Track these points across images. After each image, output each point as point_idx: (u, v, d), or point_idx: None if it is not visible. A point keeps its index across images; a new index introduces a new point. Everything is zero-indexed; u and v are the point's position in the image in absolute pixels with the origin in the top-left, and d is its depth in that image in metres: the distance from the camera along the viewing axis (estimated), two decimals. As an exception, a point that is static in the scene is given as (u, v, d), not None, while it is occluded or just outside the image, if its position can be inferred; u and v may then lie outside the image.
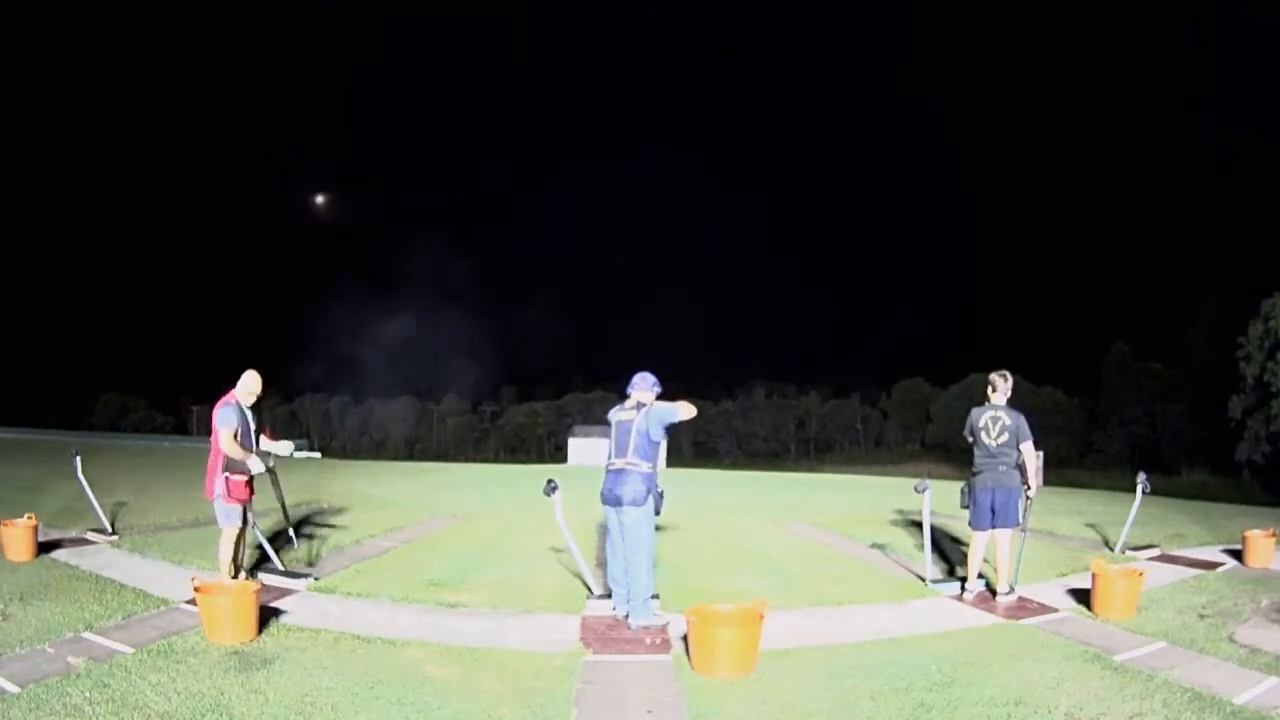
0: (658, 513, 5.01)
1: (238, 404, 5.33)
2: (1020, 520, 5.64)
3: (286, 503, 6.43)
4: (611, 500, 4.94)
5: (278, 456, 5.65)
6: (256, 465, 5.28)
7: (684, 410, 4.98)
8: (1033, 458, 5.62)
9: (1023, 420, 5.60)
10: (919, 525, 6.91)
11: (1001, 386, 5.68)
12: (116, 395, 58.10)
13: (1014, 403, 5.75)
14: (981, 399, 5.83)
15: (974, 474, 5.72)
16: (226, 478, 5.21)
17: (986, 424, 5.63)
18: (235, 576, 5.33)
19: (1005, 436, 5.54)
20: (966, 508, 5.81)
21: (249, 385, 5.42)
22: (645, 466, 4.90)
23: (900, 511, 10.32)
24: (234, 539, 5.31)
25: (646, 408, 4.98)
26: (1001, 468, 5.57)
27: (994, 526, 5.60)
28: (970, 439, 5.75)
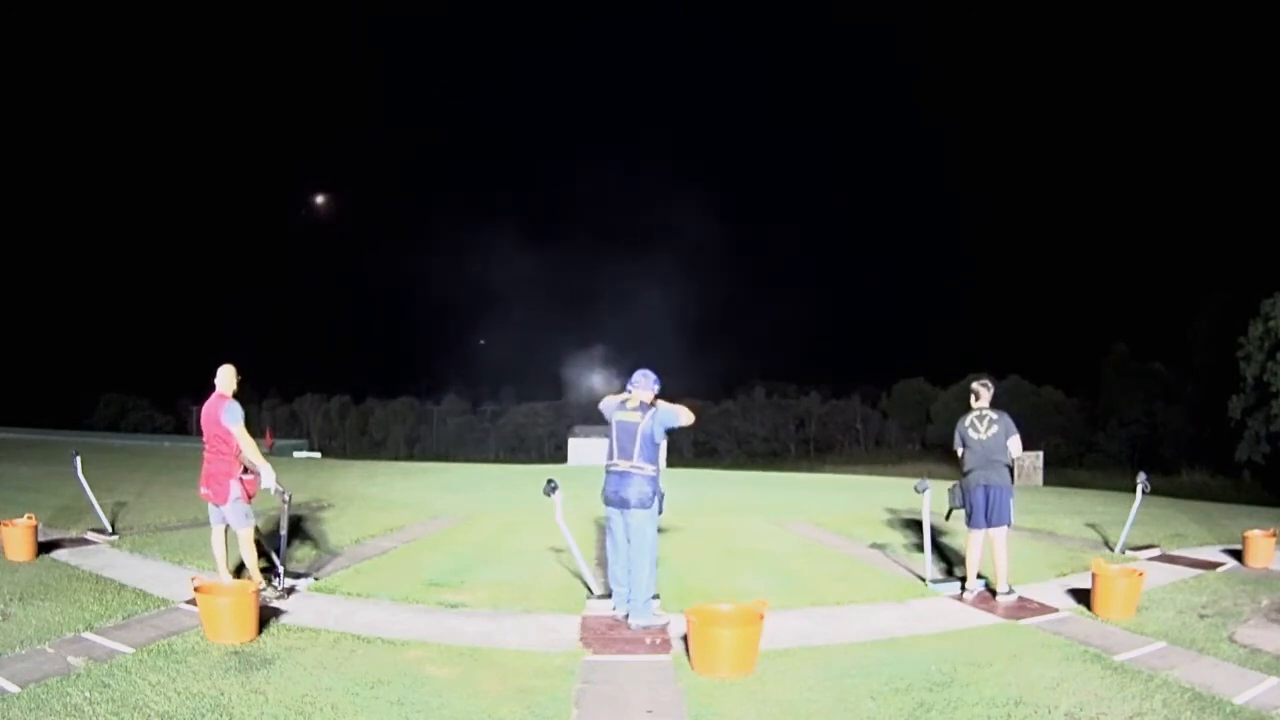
0: (660, 512, 5.02)
1: None
2: (1012, 518, 5.68)
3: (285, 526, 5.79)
4: (617, 503, 4.93)
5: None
6: (269, 477, 5.20)
7: (685, 415, 5.03)
8: (1018, 450, 5.71)
9: (1009, 419, 5.71)
10: (919, 525, 6.91)
11: (984, 395, 5.84)
12: (116, 395, 58.02)
13: (1004, 407, 5.86)
14: (969, 407, 5.93)
15: (966, 473, 5.77)
16: (242, 478, 5.20)
17: (973, 422, 5.75)
18: (239, 575, 5.34)
19: (995, 429, 5.64)
20: (959, 507, 5.86)
21: (234, 383, 5.33)
22: (650, 469, 4.90)
23: (900, 511, 10.32)
24: (254, 538, 5.30)
25: (652, 410, 4.97)
26: (993, 465, 5.62)
27: (989, 525, 5.63)
28: (961, 449, 5.83)
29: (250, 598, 4.40)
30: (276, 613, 4.86)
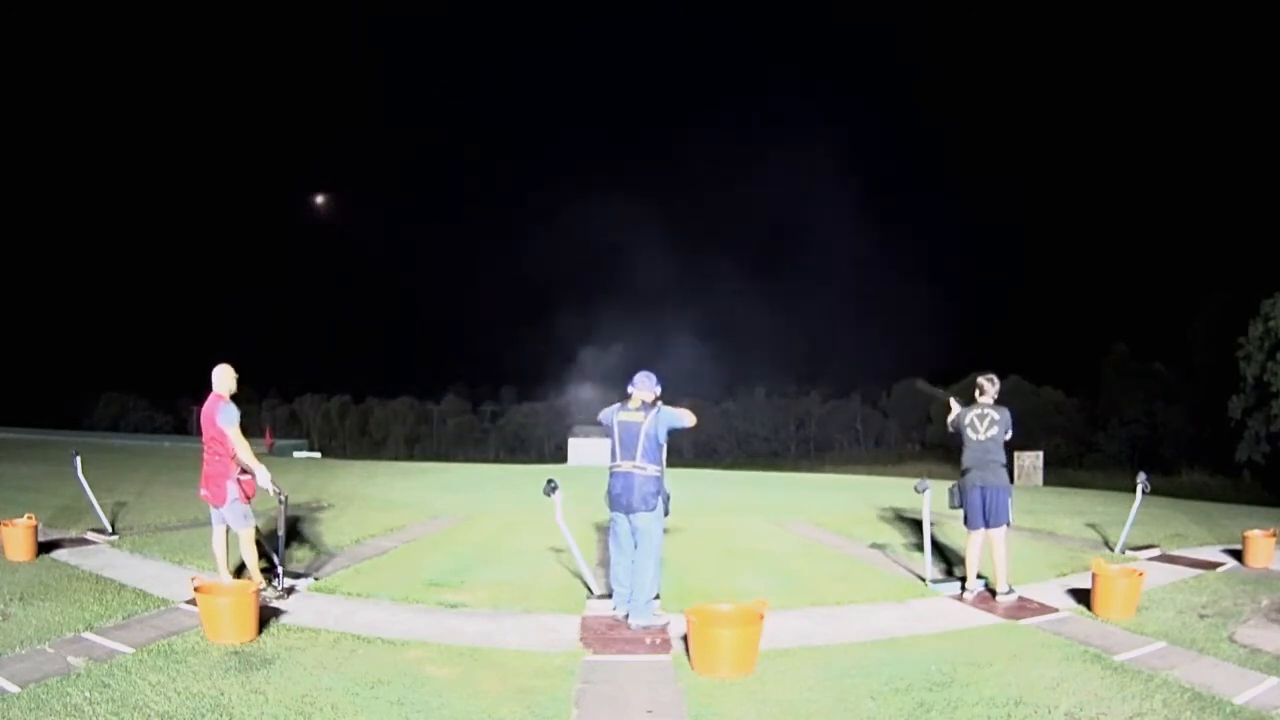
0: (666, 514, 5.03)
1: None
2: (1011, 518, 5.69)
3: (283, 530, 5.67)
4: (623, 505, 4.92)
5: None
6: (265, 477, 5.19)
7: (688, 418, 5.07)
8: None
9: (1009, 417, 5.71)
10: (919, 525, 6.91)
11: (990, 389, 5.82)
12: (116, 395, 57.98)
13: (1006, 404, 5.87)
14: (972, 401, 5.93)
15: (963, 473, 5.77)
16: (239, 479, 5.19)
17: (973, 420, 5.75)
18: (239, 575, 5.33)
19: (994, 430, 5.65)
20: (957, 507, 5.87)
21: (232, 383, 5.31)
22: (654, 469, 4.90)
23: (900, 511, 10.32)
24: (254, 539, 5.29)
25: (655, 410, 4.97)
26: (990, 464, 5.62)
27: (987, 525, 5.63)
28: (952, 430, 5.86)
29: (250, 598, 4.40)
30: (276, 613, 4.86)
